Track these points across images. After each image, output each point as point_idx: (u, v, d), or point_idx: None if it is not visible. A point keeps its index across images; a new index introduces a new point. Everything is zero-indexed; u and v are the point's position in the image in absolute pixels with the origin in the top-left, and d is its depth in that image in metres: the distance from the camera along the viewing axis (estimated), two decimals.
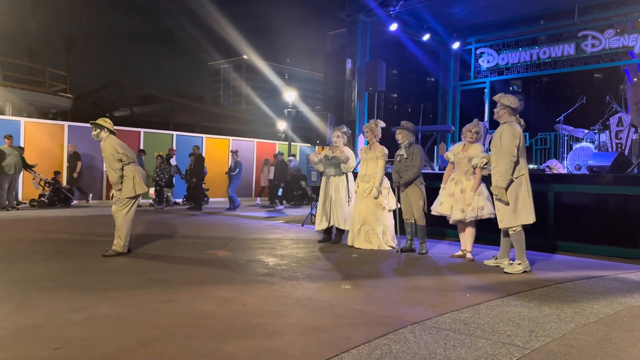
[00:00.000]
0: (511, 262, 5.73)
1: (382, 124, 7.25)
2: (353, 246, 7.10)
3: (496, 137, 5.61)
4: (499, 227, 5.67)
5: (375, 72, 10.53)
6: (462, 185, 6.26)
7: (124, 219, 6.18)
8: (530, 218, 5.51)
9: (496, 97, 5.78)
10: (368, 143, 7.31)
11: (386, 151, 7.12)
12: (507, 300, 4.31)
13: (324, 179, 7.64)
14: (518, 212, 5.48)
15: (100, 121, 6.27)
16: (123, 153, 6.17)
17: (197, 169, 13.85)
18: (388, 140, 7.47)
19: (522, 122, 5.69)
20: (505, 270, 5.57)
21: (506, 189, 5.47)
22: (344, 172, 7.45)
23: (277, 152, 16.94)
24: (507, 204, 5.46)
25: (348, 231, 7.50)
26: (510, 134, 5.45)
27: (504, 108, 5.67)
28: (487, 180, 6.60)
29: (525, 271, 5.51)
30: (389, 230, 7.12)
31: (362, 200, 7.08)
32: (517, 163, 5.45)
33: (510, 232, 5.58)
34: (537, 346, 3.17)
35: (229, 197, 14.21)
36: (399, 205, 7.03)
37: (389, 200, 7.08)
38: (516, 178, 5.46)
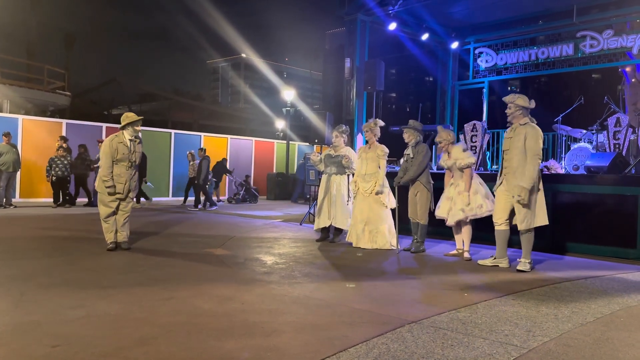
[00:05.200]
0: (519, 260, 5.75)
1: (381, 123, 7.28)
2: (359, 247, 7.07)
3: (518, 139, 5.55)
4: (518, 229, 5.63)
5: (374, 71, 10.53)
6: (460, 188, 6.32)
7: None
8: (546, 219, 5.58)
9: (509, 98, 5.72)
10: (367, 142, 7.32)
11: (386, 150, 7.13)
12: (504, 300, 4.33)
13: (324, 177, 7.64)
14: (537, 213, 5.53)
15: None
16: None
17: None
18: (388, 140, 7.48)
19: (535, 121, 5.68)
20: (518, 268, 5.61)
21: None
22: (345, 172, 7.47)
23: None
24: (527, 205, 5.49)
25: (346, 230, 7.51)
26: (536, 137, 5.46)
27: (519, 109, 5.63)
28: (486, 179, 6.62)
29: (532, 269, 5.69)
30: (392, 229, 7.13)
31: (364, 199, 7.08)
32: None
33: (526, 233, 5.60)
34: (534, 346, 3.19)
35: (94, 192, 12.85)
36: (397, 205, 7.05)
37: (390, 199, 7.10)
38: None
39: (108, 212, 6.32)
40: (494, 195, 6.07)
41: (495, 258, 5.91)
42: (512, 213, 5.71)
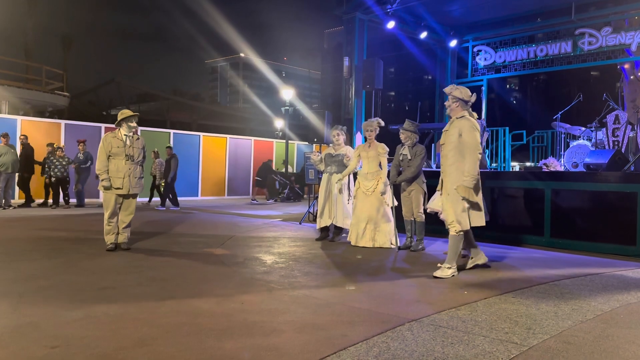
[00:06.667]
0: (439, 265, 5.33)
1: (382, 123, 7.29)
2: (357, 245, 7.04)
3: (452, 133, 5.16)
4: (450, 231, 5.16)
5: (372, 70, 10.54)
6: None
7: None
8: (482, 220, 5.15)
9: (447, 90, 5.30)
10: (367, 141, 7.31)
11: (387, 148, 7.16)
12: (504, 298, 4.32)
13: (325, 176, 7.63)
14: (471, 214, 5.10)
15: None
16: None
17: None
18: (387, 139, 7.49)
19: (476, 115, 5.34)
20: (435, 274, 5.10)
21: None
22: None
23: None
24: (474, 203, 5.08)
25: (345, 229, 7.51)
26: (471, 129, 5.08)
27: (456, 101, 5.22)
28: (485, 177, 6.61)
29: (453, 275, 5.14)
30: (392, 228, 7.13)
31: (366, 198, 7.05)
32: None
33: (452, 233, 5.14)
34: (534, 343, 3.18)
35: (76, 192, 12.89)
36: (396, 203, 7.07)
37: (391, 198, 7.12)
38: None
39: (111, 212, 6.32)
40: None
41: (472, 257, 5.53)
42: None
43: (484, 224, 5.21)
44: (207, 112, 43.40)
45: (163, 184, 13.48)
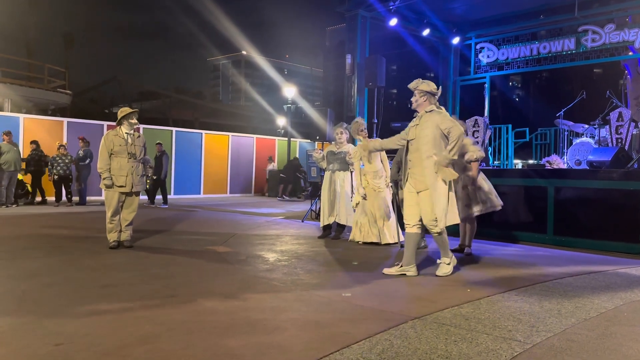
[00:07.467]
0: (438, 261, 5.19)
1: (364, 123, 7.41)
2: (387, 244, 6.97)
3: (426, 126, 4.96)
4: (434, 231, 4.99)
5: (375, 67, 10.50)
6: (463, 182, 6.23)
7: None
8: (456, 218, 5.06)
9: (412, 85, 5.12)
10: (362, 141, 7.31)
11: None
12: (507, 296, 4.31)
13: (327, 173, 7.62)
14: (448, 212, 4.95)
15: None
16: None
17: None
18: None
19: (443, 108, 5.16)
20: (437, 273, 5.06)
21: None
22: (348, 168, 7.47)
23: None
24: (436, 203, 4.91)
25: (348, 226, 7.50)
26: (452, 121, 4.93)
27: (424, 95, 5.03)
28: (488, 174, 6.60)
29: (453, 267, 5.11)
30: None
31: (377, 195, 7.03)
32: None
33: (436, 234, 5.01)
34: (538, 341, 3.17)
35: (79, 191, 12.83)
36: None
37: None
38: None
39: (113, 210, 6.32)
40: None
41: (402, 266, 5.12)
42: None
43: (458, 221, 5.15)
44: (209, 110, 43.39)
45: (149, 182, 13.33)
